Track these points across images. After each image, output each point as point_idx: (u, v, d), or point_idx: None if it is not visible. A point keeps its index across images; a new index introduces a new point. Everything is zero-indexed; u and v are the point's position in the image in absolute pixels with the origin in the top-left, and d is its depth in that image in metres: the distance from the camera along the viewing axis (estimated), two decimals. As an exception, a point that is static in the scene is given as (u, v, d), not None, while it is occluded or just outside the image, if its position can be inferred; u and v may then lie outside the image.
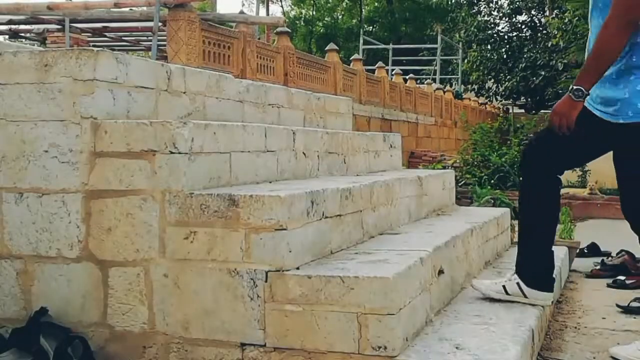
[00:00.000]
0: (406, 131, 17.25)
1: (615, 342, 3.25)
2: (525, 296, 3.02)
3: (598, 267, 5.13)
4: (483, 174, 9.76)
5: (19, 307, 2.74)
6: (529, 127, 14.41)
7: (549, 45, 23.78)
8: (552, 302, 3.06)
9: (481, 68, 27.35)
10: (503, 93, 27.71)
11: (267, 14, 25.64)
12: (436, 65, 27.09)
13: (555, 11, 24.61)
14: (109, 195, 2.62)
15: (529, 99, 27.64)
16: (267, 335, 2.43)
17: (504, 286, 3.05)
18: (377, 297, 2.33)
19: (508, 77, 26.85)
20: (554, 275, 3.11)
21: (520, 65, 25.95)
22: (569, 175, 11.23)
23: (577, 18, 21.29)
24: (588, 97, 2.77)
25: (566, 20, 22.86)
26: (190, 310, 2.52)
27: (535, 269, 3.04)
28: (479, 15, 27.97)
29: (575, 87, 2.70)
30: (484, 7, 28.15)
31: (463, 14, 28.61)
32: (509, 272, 3.17)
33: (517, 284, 3.04)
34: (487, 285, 3.13)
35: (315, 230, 2.65)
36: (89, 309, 2.65)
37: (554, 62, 23.57)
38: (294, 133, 3.37)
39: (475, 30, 27.05)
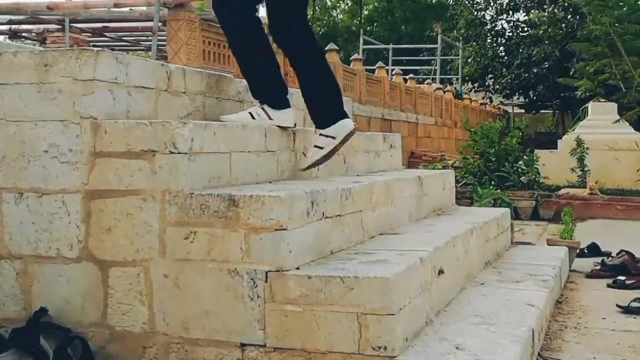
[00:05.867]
0: (406, 131, 17.22)
1: (616, 342, 3.25)
2: (270, 118, 3.19)
3: (598, 267, 5.12)
4: (482, 174, 9.75)
5: (19, 307, 2.74)
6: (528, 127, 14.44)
7: (528, 39, 24.05)
8: (295, 124, 3.30)
9: (474, 65, 27.36)
10: (499, 89, 27.75)
11: (267, 13, 25.56)
12: (436, 65, 27.07)
13: (552, 6, 24.68)
14: (109, 195, 2.62)
15: (524, 97, 27.68)
16: (267, 336, 2.43)
17: (250, 112, 3.22)
18: (377, 297, 2.32)
19: (504, 73, 26.87)
20: (287, 96, 3.29)
21: (516, 62, 25.98)
22: (569, 176, 11.17)
23: (562, 13, 21.65)
24: None
25: (545, 17, 23.09)
26: (190, 311, 2.52)
27: (271, 91, 3.24)
28: (474, 11, 27.92)
29: None
30: (484, 3, 28.10)
31: (462, 8, 28.56)
32: (255, 103, 3.33)
33: (262, 108, 3.22)
34: (234, 117, 3.27)
35: (315, 231, 2.64)
36: (89, 309, 2.65)
37: (533, 52, 23.79)
38: (293, 133, 3.37)
39: (469, 24, 27.05)
